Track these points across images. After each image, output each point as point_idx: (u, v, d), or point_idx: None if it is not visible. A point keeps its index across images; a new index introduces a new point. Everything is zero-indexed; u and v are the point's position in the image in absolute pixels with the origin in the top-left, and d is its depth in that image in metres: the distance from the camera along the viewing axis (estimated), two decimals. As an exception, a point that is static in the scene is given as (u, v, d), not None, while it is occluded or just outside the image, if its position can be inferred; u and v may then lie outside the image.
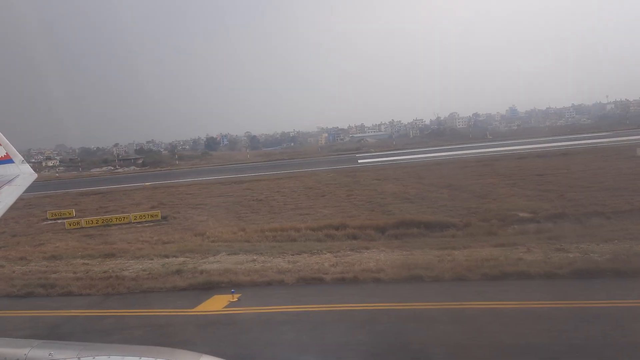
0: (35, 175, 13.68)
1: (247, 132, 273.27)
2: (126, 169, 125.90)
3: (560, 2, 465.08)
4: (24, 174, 13.11)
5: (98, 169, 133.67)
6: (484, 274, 15.77)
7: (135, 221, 33.67)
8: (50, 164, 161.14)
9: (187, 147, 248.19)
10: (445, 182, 43.45)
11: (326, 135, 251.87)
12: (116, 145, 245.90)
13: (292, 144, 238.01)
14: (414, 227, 27.50)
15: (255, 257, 19.97)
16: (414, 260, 18.16)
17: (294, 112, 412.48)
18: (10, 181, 12.29)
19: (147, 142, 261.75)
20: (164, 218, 34.42)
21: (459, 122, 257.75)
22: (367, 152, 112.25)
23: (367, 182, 48.49)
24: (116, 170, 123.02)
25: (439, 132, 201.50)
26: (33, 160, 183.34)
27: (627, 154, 52.70)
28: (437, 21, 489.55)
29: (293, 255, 20.11)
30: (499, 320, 12.56)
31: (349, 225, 27.61)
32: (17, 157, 13.58)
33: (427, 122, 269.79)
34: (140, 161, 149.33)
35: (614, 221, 26.23)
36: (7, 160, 13.27)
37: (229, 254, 20.84)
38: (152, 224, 33.27)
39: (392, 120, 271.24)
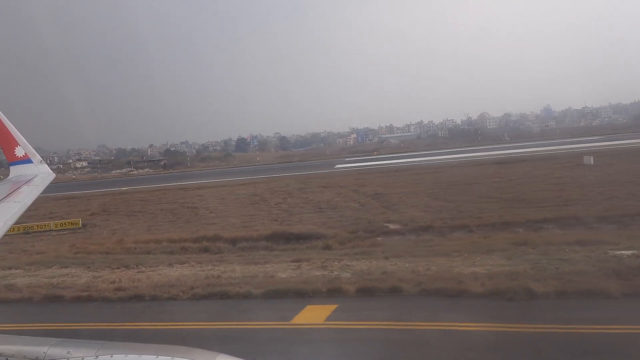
0: (53, 175, 13.61)
1: (277, 133, 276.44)
2: (141, 170, 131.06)
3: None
4: (42, 174, 13.05)
5: (119, 171, 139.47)
6: (194, 294, 16.58)
7: (56, 229, 36.46)
8: (78, 165, 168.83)
9: (218, 148, 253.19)
10: (376, 190, 44.50)
11: (355, 135, 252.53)
12: (151, 146, 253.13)
13: (322, 145, 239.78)
14: (283, 239, 29.10)
15: (70, 272, 21.83)
16: (186, 276, 19.35)
17: (328, 113, 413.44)
18: (28, 181, 12.29)
19: (181, 142, 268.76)
20: (84, 226, 37.11)
21: (489, 122, 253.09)
22: (367, 155, 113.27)
23: (311, 189, 49.98)
24: (131, 172, 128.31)
25: (464, 133, 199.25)
26: (69, 160, 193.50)
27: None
28: (478, 19, 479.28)
29: (98, 270, 21.75)
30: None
31: (223, 237, 29.34)
32: (36, 157, 13.61)
33: (458, 122, 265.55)
34: (162, 163, 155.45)
35: (461, 235, 27.11)
36: (26, 160, 13.30)
37: (60, 267, 22.86)
38: (68, 232, 36.02)
39: (421, 120, 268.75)
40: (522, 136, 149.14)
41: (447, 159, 76.34)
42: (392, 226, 30.60)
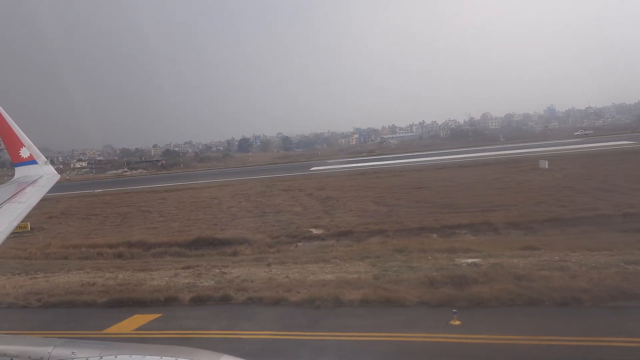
0: (58, 176, 13.73)
1: (279, 133, 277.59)
2: (134, 171, 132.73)
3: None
4: (47, 175, 13.19)
5: (114, 172, 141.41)
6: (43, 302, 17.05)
7: (4, 231, 37.54)
8: (78, 165, 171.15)
9: (221, 148, 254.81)
10: (329, 195, 45.18)
11: (357, 136, 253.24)
12: (155, 146, 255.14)
13: (325, 145, 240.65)
14: (206, 244, 29.98)
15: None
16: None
17: (333, 113, 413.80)
18: (34, 182, 12.38)
19: (185, 143, 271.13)
20: (32, 230, 38.22)
21: (491, 122, 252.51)
22: (356, 156, 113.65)
23: (271, 193, 50.82)
24: (125, 173, 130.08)
25: (463, 134, 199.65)
26: (73, 160, 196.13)
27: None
28: (478, 20, 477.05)
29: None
30: None
31: (146, 242, 30.29)
32: (41, 158, 13.72)
33: (461, 122, 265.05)
34: (160, 163, 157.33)
35: (376, 240, 27.81)
36: (31, 161, 13.43)
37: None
38: (15, 235, 37.15)
39: (423, 121, 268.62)
40: (520, 137, 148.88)
41: (425, 161, 76.67)
42: (315, 231, 31.37)
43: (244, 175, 74.59)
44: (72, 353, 4.25)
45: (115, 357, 4.15)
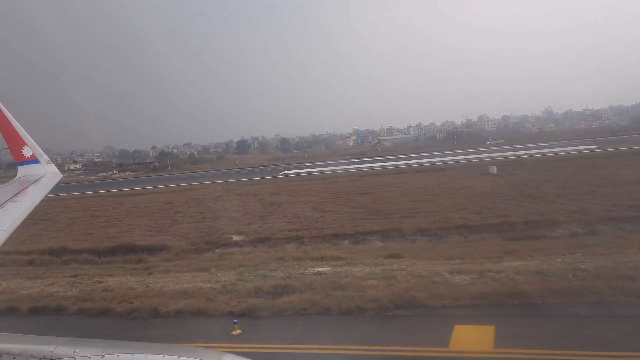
0: (60, 175, 13.91)
1: (277, 134, 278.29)
2: (122, 174, 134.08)
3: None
4: (49, 174, 13.31)
5: (105, 173, 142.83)
6: None
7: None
8: (72, 167, 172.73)
9: (219, 149, 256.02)
10: (276, 200, 45.95)
11: (354, 137, 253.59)
12: (153, 147, 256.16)
13: (322, 147, 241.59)
14: (126, 251, 30.71)
15: None
16: None
17: (333, 115, 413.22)
18: (36, 181, 12.45)
19: (184, 144, 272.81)
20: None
21: (488, 124, 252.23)
22: (339, 160, 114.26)
23: (226, 197, 51.64)
24: (113, 175, 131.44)
25: (457, 136, 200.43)
26: (71, 161, 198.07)
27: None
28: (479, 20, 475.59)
29: None
30: None
31: (69, 248, 31.17)
32: (43, 157, 13.82)
33: (459, 124, 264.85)
34: (152, 165, 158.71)
35: (291, 246, 28.58)
36: (33, 160, 13.50)
37: None
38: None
39: (420, 122, 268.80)
40: (511, 139, 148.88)
41: (400, 164, 76.76)
42: (236, 238, 32.15)
43: (217, 179, 75.31)
44: (75, 352, 4.28)
45: (118, 355, 4.19)
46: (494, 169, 49.66)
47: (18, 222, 8.97)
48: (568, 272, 15.27)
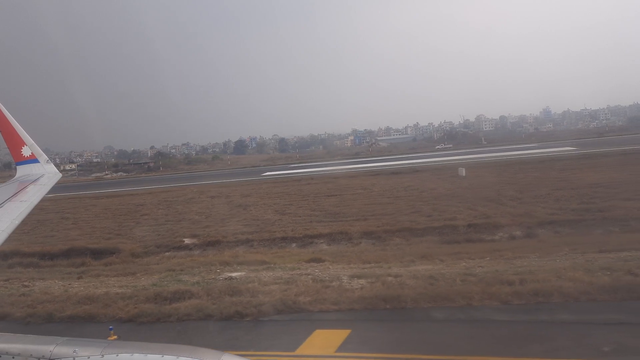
0: (59, 175, 13.91)
1: (275, 134, 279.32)
2: (114, 175, 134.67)
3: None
4: (48, 174, 13.32)
5: (98, 174, 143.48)
6: None
7: None
8: (67, 167, 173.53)
9: (217, 149, 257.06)
10: (244, 202, 46.30)
11: (352, 137, 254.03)
12: (152, 147, 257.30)
13: (320, 147, 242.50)
14: (80, 254, 31.05)
15: None
16: None
17: (333, 115, 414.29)
18: (35, 180, 12.51)
19: (183, 144, 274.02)
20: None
21: (485, 124, 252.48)
22: (329, 161, 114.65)
23: (198, 200, 51.97)
24: (105, 176, 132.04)
25: (451, 136, 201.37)
26: (73, 161, 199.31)
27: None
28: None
29: None
30: None
31: (21, 252, 31.46)
32: (42, 156, 13.85)
33: (456, 124, 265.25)
34: (146, 166, 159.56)
35: (240, 250, 28.89)
36: (32, 160, 13.53)
37: None
38: None
39: (417, 123, 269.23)
40: (506, 139, 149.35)
41: (381, 166, 77.07)
42: (187, 241, 32.44)
43: (201, 180, 75.84)
44: (74, 352, 4.29)
45: (117, 355, 4.19)
46: (462, 171, 49.82)
47: (17, 221, 9.03)
48: (457, 277, 15.51)
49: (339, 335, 11.88)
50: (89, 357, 4.21)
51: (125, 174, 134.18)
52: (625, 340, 10.83)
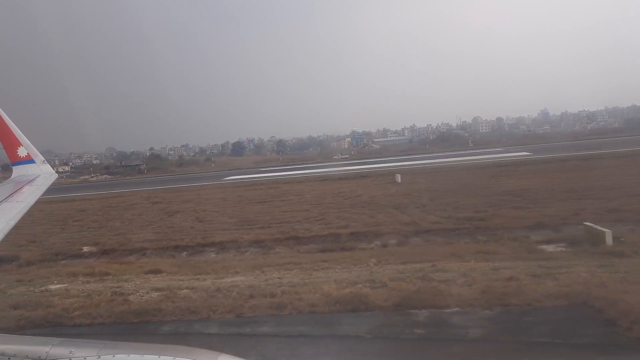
0: (55, 176, 14.12)
1: (272, 136, 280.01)
2: (100, 177, 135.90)
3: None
4: (44, 174, 13.45)
5: (86, 176, 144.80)
6: None
7: None
8: (61, 169, 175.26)
9: (215, 151, 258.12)
10: (181, 209, 46.79)
11: (349, 139, 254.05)
12: (151, 149, 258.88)
13: (319, 148, 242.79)
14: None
15: None
16: None
17: (332, 116, 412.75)
18: (31, 181, 12.51)
19: (182, 145, 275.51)
20: None
21: (482, 126, 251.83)
22: (312, 163, 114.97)
23: (142, 205, 52.64)
24: (91, 179, 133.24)
25: (444, 138, 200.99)
26: (69, 163, 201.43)
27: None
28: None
29: None
30: None
31: None
32: (38, 157, 13.96)
33: (453, 125, 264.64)
34: (138, 168, 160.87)
35: (133, 258, 29.32)
36: (28, 160, 13.65)
37: None
38: None
39: (414, 124, 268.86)
40: (496, 142, 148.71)
41: (350, 169, 77.34)
42: (86, 249, 32.94)
43: (169, 184, 75.73)
44: (70, 352, 4.25)
45: (114, 356, 4.17)
46: (398, 178, 50.10)
47: (13, 222, 8.96)
48: (234, 289, 15.96)
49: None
50: (85, 358, 4.19)
51: (110, 177, 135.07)
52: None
